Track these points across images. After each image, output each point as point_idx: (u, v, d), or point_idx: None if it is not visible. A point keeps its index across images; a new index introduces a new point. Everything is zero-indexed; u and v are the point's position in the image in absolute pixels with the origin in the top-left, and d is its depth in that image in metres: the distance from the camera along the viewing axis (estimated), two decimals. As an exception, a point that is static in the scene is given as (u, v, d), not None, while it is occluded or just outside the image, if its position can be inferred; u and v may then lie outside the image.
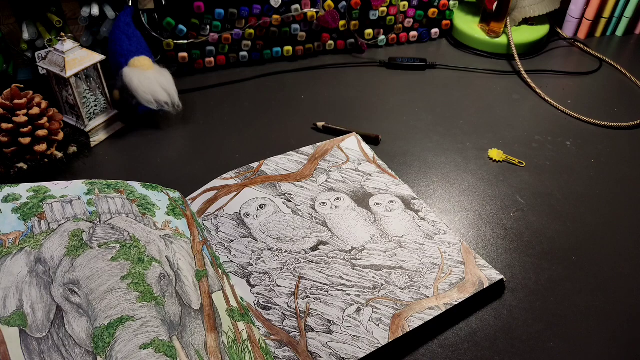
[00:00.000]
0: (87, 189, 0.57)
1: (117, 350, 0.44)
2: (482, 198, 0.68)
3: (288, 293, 0.54)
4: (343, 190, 0.66)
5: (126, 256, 0.50)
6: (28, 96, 0.66)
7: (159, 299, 0.48)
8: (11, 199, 0.53)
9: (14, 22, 0.79)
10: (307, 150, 0.72)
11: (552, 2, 0.99)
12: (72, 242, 0.50)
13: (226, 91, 0.87)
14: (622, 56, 1.00)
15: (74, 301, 0.46)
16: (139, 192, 0.59)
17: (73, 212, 0.53)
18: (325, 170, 0.69)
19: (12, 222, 0.51)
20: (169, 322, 0.47)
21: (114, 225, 0.53)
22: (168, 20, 0.83)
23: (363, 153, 0.72)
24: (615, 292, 0.56)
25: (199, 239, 0.58)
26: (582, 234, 0.63)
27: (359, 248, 0.59)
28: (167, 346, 0.45)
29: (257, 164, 0.69)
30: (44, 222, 0.52)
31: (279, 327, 0.52)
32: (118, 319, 0.45)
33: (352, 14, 0.94)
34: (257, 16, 0.87)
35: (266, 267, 0.57)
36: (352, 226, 0.62)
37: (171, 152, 0.74)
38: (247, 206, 0.63)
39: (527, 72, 0.92)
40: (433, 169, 0.72)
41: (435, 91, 0.89)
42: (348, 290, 0.55)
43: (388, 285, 0.55)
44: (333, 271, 0.56)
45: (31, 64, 0.82)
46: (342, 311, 0.53)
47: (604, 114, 0.83)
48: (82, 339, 0.44)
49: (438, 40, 1.04)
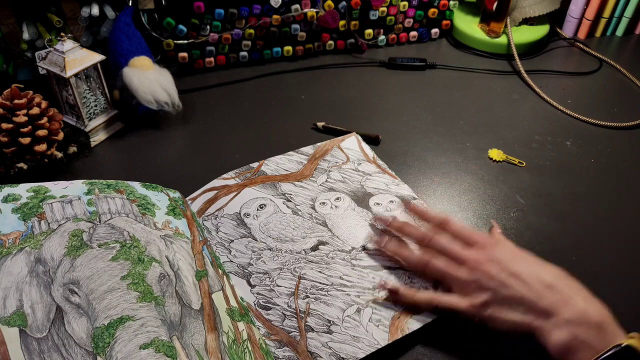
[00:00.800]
0: (87, 189, 0.57)
1: (117, 350, 0.44)
2: (482, 198, 0.68)
3: (288, 293, 0.54)
4: (343, 190, 0.66)
5: (126, 256, 0.50)
6: (28, 96, 0.66)
7: (159, 299, 0.48)
8: (11, 199, 0.53)
9: (14, 22, 0.79)
10: (307, 150, 0.72)
11: (552, 2, 0.99)
12: (72, 242, 0.50)
13: (226, 91, 0.87)
14: (622, 56, 1.00)
15: (74, 301, 0.46)
16: (139, 192, 0.59)
17: (73, 212, 0.53)
18: (325, 170, 0.69)
19: (12, 222, 0.51)
20: (169, 322, 0.47)
21: (114, 225, 0.53)
22: (168, 20, 0.83)
23: (363, 153, 0.72)
24: (615, 292, 0.56)
25: (199, 239, 0.58)
26: (582, 234, 0.63)
27: (358, 248, 0.59)
28: (167, 346, 0.45)
29: (257, 164, 0.69)
30: (44, 222, 0.52)
31: (279, 327, 0.52)
32: (118, 319, 0.45)
33: (352, 14, 0.94)
34: (257, 16, 0.87)
35: (266, 267, 0.57)
36: (352, 226, 0.61)
37: (171, 152, 0.74)
38: (247, 206, 0.63)
39: (527, 72, 0.92)
40: (433, 169, 0.72)
41: (435, 91, 0.89)
42: (348, 291, 0.55)
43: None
44: (333, 271, 0.56)
45: (31, 64, 0.82)
46: (342, 311, 0.53)
47: (604, 114, 0.83)
48: (82, 339, 0.44)
49: (438, 40, 1.04)
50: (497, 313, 0.48)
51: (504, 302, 0.48)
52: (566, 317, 0.45)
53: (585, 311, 0.45)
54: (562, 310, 0.45)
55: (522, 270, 0.49)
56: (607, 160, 0.75)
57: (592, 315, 0.45)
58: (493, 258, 0.50)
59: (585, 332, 0.44)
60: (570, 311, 0.45)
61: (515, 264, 0.49)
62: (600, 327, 0.44)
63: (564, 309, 0.46)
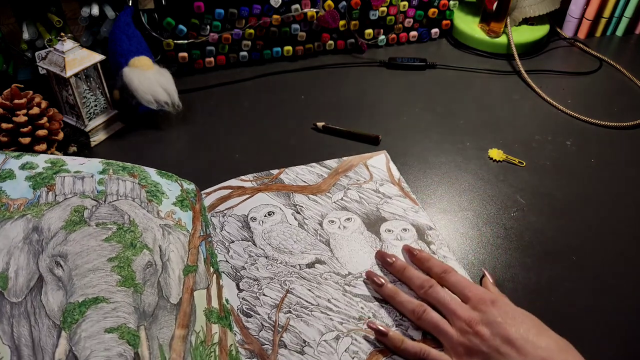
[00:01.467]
0: (102, 168, 0.58)
1: (83, 328, 0.44)
2: (482, 198, 0.68)
3: (272, 304, 0.53)
4: (356, 211, 0.64)
5: (119, 239, 0.51)
6: (28, 96, 0.66)
7: (139, 286, 0.48)
8: (28, 167, 0.54)
9: (14, 22, 0.79)
10: (330, 163, 0.70)
11: (552, 2, 0.99)
12: (73, 216, 0.51)
13: (226, 91, 0.87)
14: (622, 56, 1.00)
15: (57, 274, 0.47)
16: (152, 178, 0.60)
17: (82, 189, 0.54)
18: (343, 187, 0.67)
19: (23, 189, 0.52)
20: (142, 311, 0.47)
21: (117, 207, 0.54)
22: (168, 20, 0.83)
23: (389, 173, 0.69)
24: (615, 292, 0.56)
25: (199, 234, 0.58)
26: (582, 234, 0.63)
27: (355, 274, 0.57)
28: (132, 334, 0.45)
29: (276, 171, 0.69)
30: (51, 193, 0.53)
31: (255, 336, 0.51)
32: (93, 298, 0.45)
33: (352, 14, 0.94)
34: (257, 16, 0.87)
35: (258, 274, 0.56)
36: (355, 250, 0.59)
37: (171, 152, 0.74)
38: (256, 211, 0.63)
39: (527, 72, 0.92)
40: (433, 169, 0.72)
41: (435, 91, 0.89)
42: (332, 315, 0.53)
43: (375, 319, 0.53)
44: (322, 292, 0.55)
45: (31, 64, 0.82)
46: (320, 334, 0.51)
47: (604, 114, 0.83)
48: (53, 311, 0.45)
49: (438, 40, 1.04)
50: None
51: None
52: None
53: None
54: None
55: (518, 337, 0.45)
56: (607, 160, 0.75)
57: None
58: (488, 319, 0.47)
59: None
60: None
61: (510, 329, 0.46)
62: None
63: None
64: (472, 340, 0.47)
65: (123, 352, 0.43)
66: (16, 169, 0.54)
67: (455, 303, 0.50)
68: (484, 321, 0.47)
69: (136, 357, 0.43)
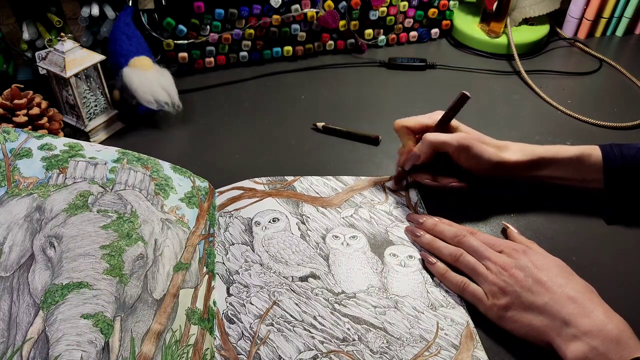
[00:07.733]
0: (117, 157, 0.59)
1: (60, 310, 0.44)
2: (482, 197, 0.68)
3: (256, 314, 0.52)
4: (363, 230, 0.62)
5: (116, 228, 0.51)
6: (28, 96, 0.66)
7: (124, 277, 0.48)
8: (46, 148, 0.56)
9: (14, 22, 0.79)
10: (347, 179, 0.68)
11: (552, 2, 0.99)
12: (77, 200, 0.52)
13: (226, 91, 0.87)
14: (622, 56, 1.00)
15: (49, 254, 0.48)
16: (164, 172, 0.60)
17: (92, 175, 0.55)
18: (355, 205, 0.65)
19: (37, 168, 0.54)
20: (122, 301, 0.47)
21: (122, 196, 0.55)
22: (168, 20, 0.83)
23: (407, 197, 0.67)
24: (615, 292, 0.56)
25: (200, 233, 0.57)
26: (582, 234, 0.63)
27: (349, 294, 0.55)
28: (107, 324, 0.45)
29: (291, 178, 0.67)
30: (62, 175, 0.54)
31: (233, 344, 0.50)
32: (77, 282, 0.46)
33: (352, 14, 0.94)
34: (257, 16, 0.88)
35: (249, 280, 0.55)
36: (354, 270, 0.57)
37: (171, 152, 0.74)
38: (261, 215, 0.62)
39: (527, 72, 0.92)
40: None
41: (435, 91, 0.89)
42: (315, 333, 0.51)
43: (359, 343, 0.50)
44: (310, 308, 0.53)
45: (31, 64, 0.82)
46: (297, 352, 0.49)
47: (604, 114, 0.83)
48: (35, 290, 0.46)
49: (438, 40, 1.04)
50: (517, 317, 0.50)
51: (525, 307, 0.50)
52: (585, 329, 0.46)
53: (604, 324, 0.46)
54: (582, 321, 0.47)
55: (547, 279, 0.50)
56: (607, 160, 0.74)
57: (611, 329, 0.46)
58: (520, 265, 0.52)
59: (603, 345, 0.45)
60: (589, 323, 0.46)
61: (541, 272, 0.51)
62: (619, 340, 0.45)
63: (584, 320, 0.47)
64: (506, 281, 0.52)
65: (94, 339, 0.43)
66: (35, 149, 0.55)
67: (489, 251, 0.55)
68: (517, 266, 0.52)
69: (105, 347, 0.44)
